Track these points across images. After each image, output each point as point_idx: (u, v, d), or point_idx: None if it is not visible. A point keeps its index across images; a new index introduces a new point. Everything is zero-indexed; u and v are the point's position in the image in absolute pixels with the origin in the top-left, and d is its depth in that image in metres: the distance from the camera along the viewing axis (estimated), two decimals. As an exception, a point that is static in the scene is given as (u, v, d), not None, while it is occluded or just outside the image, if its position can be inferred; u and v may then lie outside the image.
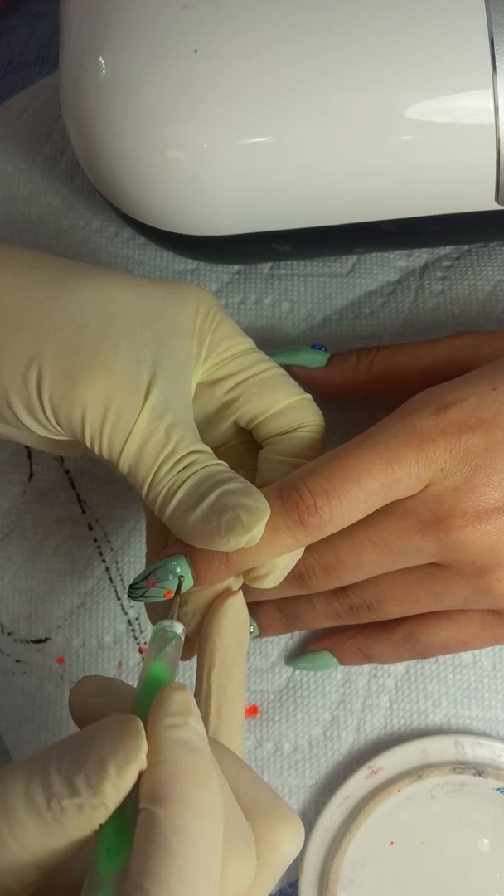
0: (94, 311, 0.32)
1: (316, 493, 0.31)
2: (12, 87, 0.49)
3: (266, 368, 0.35)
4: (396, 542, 0.33)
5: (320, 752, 0.40)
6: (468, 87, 0.32)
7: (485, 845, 0.38)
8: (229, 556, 0.31)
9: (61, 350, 0.31)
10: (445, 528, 0.32)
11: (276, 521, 0.31)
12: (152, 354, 0.32)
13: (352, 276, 0.44)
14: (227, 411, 0.35)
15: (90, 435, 0.31)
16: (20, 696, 0.42)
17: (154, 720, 0.25)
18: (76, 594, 0.43)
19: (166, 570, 0.32)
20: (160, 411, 0.31)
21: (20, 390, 0.31)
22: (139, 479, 0.32)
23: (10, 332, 0.32)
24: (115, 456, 0.31)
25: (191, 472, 0.31)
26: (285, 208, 0.36)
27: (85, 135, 0.35)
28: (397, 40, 0.32)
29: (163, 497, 0.31)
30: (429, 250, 0.44)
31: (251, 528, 0.30)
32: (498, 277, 0.43)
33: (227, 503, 0.30)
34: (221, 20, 0.33)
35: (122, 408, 0.31)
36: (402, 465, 0.32)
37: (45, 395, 0.31)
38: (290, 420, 0.35)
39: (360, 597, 0.36)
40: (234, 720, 0.31)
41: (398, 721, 0.40)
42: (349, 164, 0.34)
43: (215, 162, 0.34)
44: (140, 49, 0.33)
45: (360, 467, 0.31)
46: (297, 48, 0.33)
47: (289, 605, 0.38)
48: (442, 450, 0.32)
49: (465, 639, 0.37)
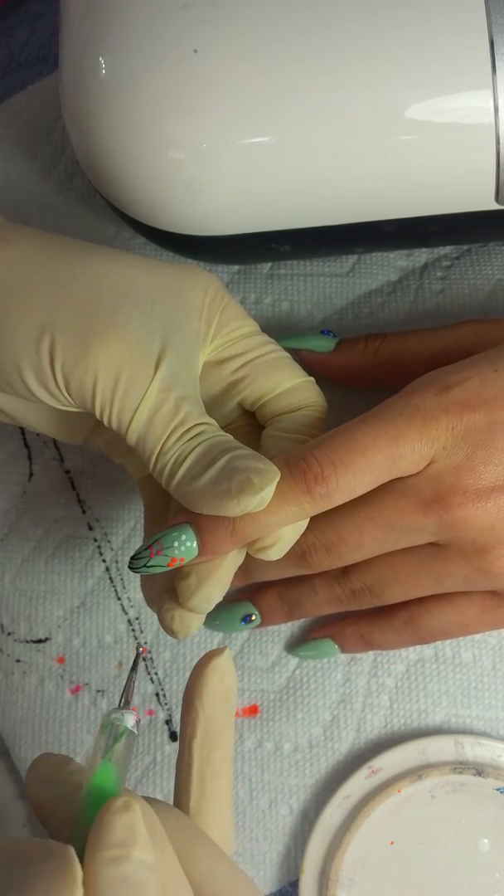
0: (106, 284, 0.32)
1: (323, 462, 0.31)
2: (12, 87, 0.49)
3: (272, 350, 0.36)
4: (397, 519, 0.33)
5: (320, 751, 0.40)
6: (468, 87, 0.32)
7: (485, 845, 0.38)
8: (235, 524, 0.31)
9: (74, 319, 0.31)
10: (446, 505, 0.32)
11: (283, 490, 0.31)
12: (163, 329, 0.32)
13: (352, 276, 0.44)
14: (232, 391, 0.35)
15: (100, 403, 0.31)
16: (20, 696, 0.42)
17: (93, 852, 0.23)
18: (76, 594, 0.43)
19: (171, 537, 0.31)
20: (169, 383, 0.31)
21: (32, 358, 0.32)
22: (147, 449, 0.32)
23: (23, 301, 0.32)
24: (125, 425, 0.32)
25: (199, 441, 0.31)
26: (285, 208, 0.36)
27: (85, 135, 0.35)
28: (397, 40, 0.32)
29: (171, 465, 0.31)
30: (429, 250, 0.44)
31: (262, 488, 0.29)
32: (498, 277, 0.43)
33: (238, 466, 0.30)
34: (221, 20, 0.33)
35: (133, 377, 0.31)
36: (407, 442, 0.32)
37: (56, 363, 0.31)
38: (295, 400, 0.35)
39: (361, 580, 0.36)
40: (218, 792, 0.30)
41: (398, 720, 0.40)
42: (349, 163, 0.34)
43: (215, 162, 0.34)
44: (140, 49, 0.33)
45: (366, 440, 0.32)
46: (297, 48, 0.33)
47: (290, 592, 0.38)
48: (444, 428, 0.32)
49: (466, 622, 0.37)
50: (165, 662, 0.42)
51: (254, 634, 0.41)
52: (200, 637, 0.42)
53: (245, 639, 0.41)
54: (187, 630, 0.33)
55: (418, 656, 0.40)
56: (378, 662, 0.40)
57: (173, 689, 0.41)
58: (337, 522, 0.34)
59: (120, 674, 0.42)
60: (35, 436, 0.44)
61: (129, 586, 0.43)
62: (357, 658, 0.40)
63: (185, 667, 0.41)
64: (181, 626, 0.33)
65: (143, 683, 0.42)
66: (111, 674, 0.42)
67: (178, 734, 0.31)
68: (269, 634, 0.41)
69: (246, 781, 0.40)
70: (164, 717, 0.41)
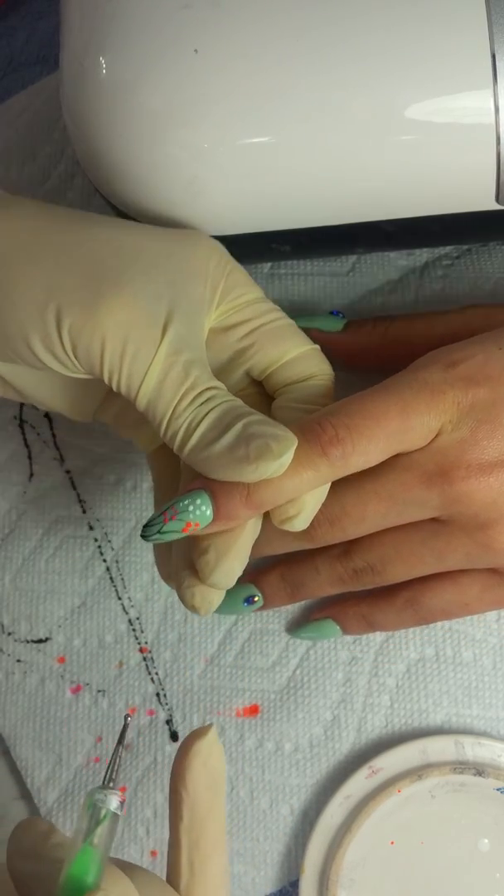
0: (110, 250, 0.32)
1: (338, 426, 0.31)
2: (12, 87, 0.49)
3: (279, 317, 0.35)
4: (401, 493, 0.33)
5: (321, 751, 0.40)
6: (468, 87, 0.32)
7: (485, 845, 0.38)
8: (250, 490, 0.31)
9: (80, 283, 0.31)
10: (449, 479, 0.32)
11: (299, 454, 0.31)
12: (169, 293, 0.32)
13: (352, 275, 0.44)
14: (240, 359, 0.35)
15: (109, 367, 0.31)
16: (21, 696, 0.42)
17: None
18: (77, 594, 0.43)
19: (185, 502, 0.31)
20: (177, 347, 0.31)
21: (37, 323, 0.31)
22: (158, 414, 0.31)
23: (28, 266, 0.32)
24: (134, 390, 0.31)
25: (212, 406, 0.31)
26: (285, 208, 0.36)
27: (85, 134, 0.35)
28: (397, 40, 0.32)
29: (184, 431, 0.31)
30: (429, 249, 0.44)
31: (280, 454, 0.29)
32: (498, 276, 0.43)
33: (255, 432, 0.30)
34: (221, 20, 0.33)
35: (141, 340, 0.31)
36: (416, 414, 0.32)
37: (63, 327, 0.31)
38: (304, 369, 0.35)
39: (363, 559, 0.36)
40: (209, 875, 0.30)
41: (399, 720, 0.40)
42: (349, 163, 0.34)
43: (215, 162, 0.34)
44: (140, 49, 0.33)
45: (378, 410, 0.32)
46: (298, 48, 0.33)
47: (292, 573, 0.38)
48: (451, 402, 0.32)
49: (467, 601, 0.37)
50: (166, 662, 0.42)
51: (254, 634, 0.41)
52: (201, 637, 0.42)
53: (245, 638, 0.41)
54: (209, 606, 0.33)
55: (419, 656, 0.40)
56: (379, 662, 0.40)
57: (174, 688, 0.41)
58: (341, 495, 0.34)
59: (121, 673, 0.42)
60: (35, 435, 0.44)
61: (130, 586, 0.43)
62: (358, 658, 0.40)
63: (186, 666, 0.41)
64: (202, 602, 0.32)
65: (144, 683, 0.42)
66: (112, 674, 0.42)
67: (169, 815, 0.30)
68: (269, 634, 0.41)
69: (247, 781, 0.40)
70: (165, 717, 0.41)
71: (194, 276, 0.33)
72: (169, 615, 0.42)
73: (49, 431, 0.44)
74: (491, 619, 0.40)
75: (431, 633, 0.40)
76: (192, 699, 0.41)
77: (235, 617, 0.42)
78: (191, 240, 0.34)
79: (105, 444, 0.44)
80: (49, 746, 0.42)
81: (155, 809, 0.40)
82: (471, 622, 0.40)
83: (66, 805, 0.41)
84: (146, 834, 0.40)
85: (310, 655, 0.41)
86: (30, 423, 0.45)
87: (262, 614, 0.41)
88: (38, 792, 0.41)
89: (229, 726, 0.41)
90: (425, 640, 0.40)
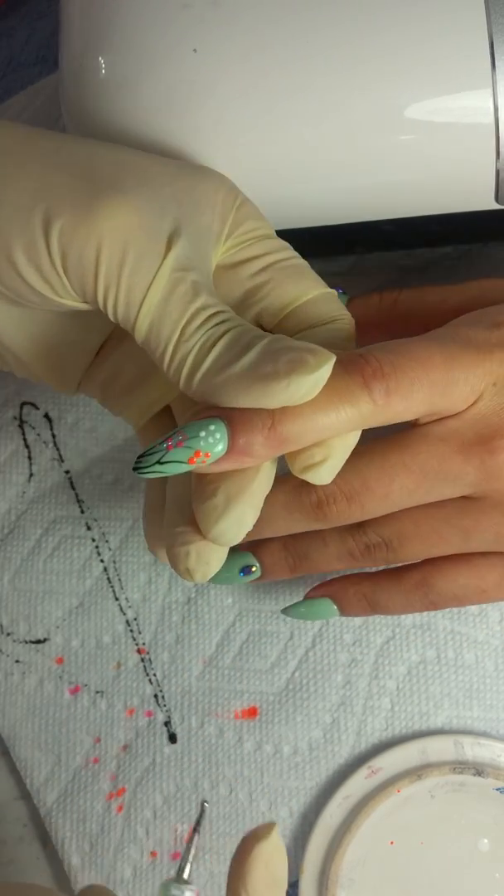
0: (107, 158, 0.28)
1: (383, 361, 0.28)
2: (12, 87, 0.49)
3: (293, 256, 0.31)
4: (434, 466, 0.30)
5: (320, 754, 0.40)
6: (468, 87, 0.32)
7: (485, 845, 0.38)
8: (274, 419, 0.26)
9: (73, 183, 0.27)
10: (490, 449, 0.30)
11: (336, 384, 0.27)
12: (174, 211, 0.28)
13: (352, 275, 0.44)
14: (253, 297, 0.31)
15: (105, 280, 0.27)
16: (20, 697, 0.42)
17: None
18: (75, 594, 0.43)
19: (196, 427, 0.26)
20: (184, 264, 0.27)
21: (21, 229, 0.27)
22: (163, 338, 0.27)
23: (11, 169, 0.28)
24: (135, 308, 0.27)
25: (228, 328, 0.27)
26: (285, 208, 0.36)
27: (85, 134, 0.35)
28: (397, 40, 0.32)
29: (195, 354, 0.26)
30: (429, 250, 0.44)
31: (318, 366, 0.25)
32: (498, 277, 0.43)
33: (284, 346, 0.26)
34: (221, 20, 0.33)
35: (144, 248, 0.26)
36: (460, 367, 0.29)
37: (52, 232, 0.26)
38: (325, 311, 0.31)
39: (378, 533, 0.32)
40: None
41: (399, 723, 0.40)
42: (349, 163, 0.34)
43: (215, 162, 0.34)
44: (140, 49, 0.33)
45: (423, 354, 0.29)
46: (297, 48, 0.33)
47: (297, 543, 0.34)
48: (498, 363, 0.30)
49: (485, 587, 0.33)
50: (164, 664, 0.42)
51: (252, 636, 0.41)
52: (199, 638, 0.42)
53: (244, 640, 0.41)
54: (206, 569, 0.29)
55: (420, 658, 0.40)
56: (379, 664, 0.40)
57: (172, 690, 0.41)
58: (362, 467, 0.30)
59: (119, 674, 0.42)
60: (35, 436, 0.44)
61: (127, 586, 0.43)
62: (358, 660, 0.40)
63: (184, 667, 0.41)
64: (198, 562, 0.29)
65: (142, 684, 0.42)
66: (110, 674, 0.42)
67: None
68: (268, 635, 0.41)
69: (245, 784, 0.40)
70: (163, 719, 0.41)
71: (201, 204, 0.29)
72: (166, 616, 0.42)
73: (49, 432, 0.44)
74: (493, 620, 0.40)
75: (433, 635, 0.40)
76: (190, 701, 0.41)
77: (233, 618, 0.42)
78: (198, 168, 0.31)
79: (104, 444, 0.44)
80: (48, 747, 0.42)
81: (154, 810, 0.40)
82: (473, 624, 0.40)
83: (65, 805, 0.41)
84: (146, 835, 0.40)
85: (309, 657, 0.41)
86: (30, 423, 0.45)
87: (260, 615, 0.41)
88: (38, 792, 0.41)
89: (228, 728, 0.41)
90: (427, 642, 0.40)
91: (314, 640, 0.41)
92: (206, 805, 0.30)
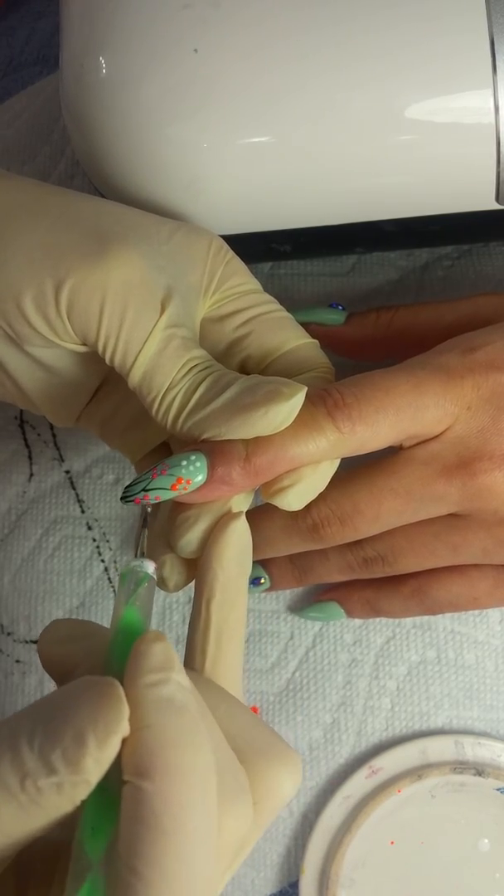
0: (111, 217, 0.31)
1: (345, 393, 0.30)
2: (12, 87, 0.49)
3: (276, 309, 0.34)
4: (419, 488, 0.32)
5: (320, 754, 0.40)
6: (468, 87, 0.32)
7: (485, 845, 0.38)
8: (249, 450, 0.29)
9: (81, 240, 0.30)
10: (471, 471, 0.31)
11: (304, 416, 0.29)
12: (169, 268, 0.31)
13: (352, 275, 0.44)
14: (236, 348, 0.33)
15: (105, 332, 0.29)
16: (20, 697, 0.42)
17: (132, 679, 0.22)
18: (75, 594, 0.43)
19: (178, 458, 0.29)
20: (176, 321, 0.30)
21: (32, 280, 0.29)
22: (154, 386, 0.30)
23: (24, 224, 0.30)
24: (131, 358, 0.30)
25: (209, 372, 0.30)
26: (285, 208, 0.36)
27: (85, 135, 0.35)
28: (397, 40, 0.32)
29: (182, 396, 0.29)
30: (429, 250, 0.44)
31: (291, 396, 0.28)
32: (498, 277, 0.43)
33: (260, 381, 0.29)
34: (221, 20, 0.33)
35: (142, 306, 0.29)
36: (430, 393, 0.31)
37: (64, 286, 0.29)
38: (304, 361, 0.33)
39: (374, 549, 0.35)
40: (232, 654, 0.29)
41: (399, 723, 0.40)
42: (349, 163, 0.34)
43: (215, 162, 0.34)
44: (140, 49, 0.33)
45: (389, 383, 0.30)
46: (298, 48, 0.33)
47: (301, 557, 0.38)
48: (470, 387, 0.31)
49: (477, 595, 0.36)
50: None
51: (253, 636, 0.41)
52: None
53: (244, 640, 0.41)
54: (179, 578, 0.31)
55: (420, 658, 0.40)
56: (379, 664, 0.40)
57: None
58: (353, 492, 0.33)
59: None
60: (36, 436, 0.44)
61: (129, 586, 0.43)
62: (358, 660, 0.40)
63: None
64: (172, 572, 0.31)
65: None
66: (111, 674, 0.42)
67: (193, 598, 0.30)
68: (268, 636, 0.41)
69: (246, 782, 0.40)
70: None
71: (192, 261, 0.32)
72: (167, 616, 0.42)
73: (49, 432, 0.44)
74: (494, 620, 0.40)
75: (433, 636, 0.40)
76: (191, 700, 0.41)
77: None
78: (191, 227, 0.33)
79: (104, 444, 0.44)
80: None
81: (154, 810, 0.40)
82: (474, 624, 0.40)
83: (65, 806, 0.41)
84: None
85: (309, 657, 0.41)
86: (30, 423, 0.45)
87: (261, 615, 0.41)
88: (38, 793, 0.41)
89: (229, 727, 0.41)
90: (427, 643, 0.40)
91: (314, 640, 0.41)
92: (148, 507, 0.32)
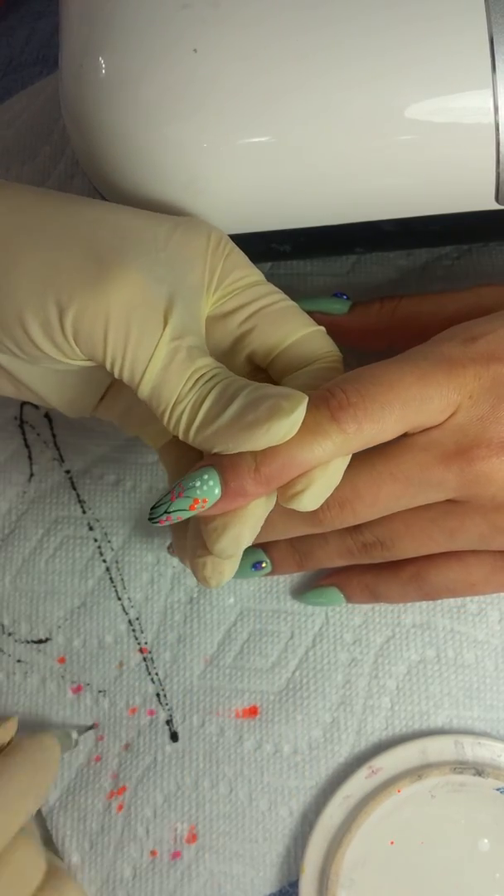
0: (109, 229, 0.31)
1: (349, 392, 0.30)
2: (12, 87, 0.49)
3: (279, 300, 0.34)
4: (417, 473, 0.32)
5: (320, 753, 0.40)
6: (468, 87, 0.32)
7: (485, 845, 0.38)
8: (258, 463, 0.30)
9: (82, 264, 0.30)
10: (469, 458, 0.32)
11: (308, 422, 0.29)
12: (169, 276, 0.31)
13: (352, 275, 0.44)
14: (241, 344, 0.34)
15: (112, 352, 0.30)
16: (22, 697, 0.42)
17: None
18: (76, 594, 0.43)
19: (193, 477, 0.30)
20: (180, 331, 0.30)
21: (36, 306, 0.30)
22: (163, 400, 0.30)
23: (24, 248, 0.31)
24: (138, 376, 0.30)
25: (214, 384, 0.30)
26: (285, 208, 0.36)
27: (84, 134, 0.35)
28: (397, 40, 0.32)
29: (189, 413, 0.30)
30: (429, 250, 0.44)
31: (292, 410, 0.28)
32: (498, 277, 0.43)
33: (262, 395, 0.29)
34: (221, 19, 0.33)
35: (145, 324, 0.30)
36: (434, 384, 0.31)
37: (65, 310, 0.30)
38: (309, 351, 0.33)
39: (373, 534, 0.36)
40: None
41: (399, 723, 0.40)
42: (349, 163, 0.34)
43: (215, 162, 0.34)
44: (140, 49, 0.33)
45: (393, 377, 0.31)
46: (297, 48, 0.33)
47: (302, 542, 0.38)
48: (472, 376, 0.31)
49: (474, 581, 0.37)
50: (166, 663, 0.42)
51: (253, 635, 0.41)
52: (200, 638, 0.42)
53: (245, 639, 0.41)
54: (220, 577, 0.32)
55: (420, 657, 0.40)
56: (379, 664, 0.40)
57: (174, 689, 0.41)
58: (353, 477, 0.33)
59: (121, 674, 0.42)
60: (36, 436, 0.44)
61: (130, 586, 0.43)
62: (358, 659, 0.40)
63: (186, 667, 0.41)
64: (213, 572, 0.32)
65: (144, 684, 0.42)
66: (112, 674, 0.42)
67: None
68: (268, 635, 0.41)
69: (245, 783, 0.40)
70: (165, 718, 0.41)
71: (192, 259, 0.32)
72: (168, 616, 0.42)
73: (49, 432, 0.44)
74: (494, 620, 0.40)
75: (433, 635, 0.40)
76: (191, 700, 0.41)
77: (235, 617, 0.42)
78: (189, 223, 0.33)
79: (105, 444, 0.44)
80: (49, 746, 0.42)
81: (154, 809, 0.40)
82: (473, 623, 0.40)
83: (67, 804, 0.41)
84: (146, 834, 0.40)
85: (309, 657, 0.41)
86: (30, 423, 0.45)
87: (262, 614, 0.41)
88: (39, 792, 0.42)
89: (228, 727, 0.41)
90: (427, 642, 0.40)
91: (314, 639, 0.41)
92: None
